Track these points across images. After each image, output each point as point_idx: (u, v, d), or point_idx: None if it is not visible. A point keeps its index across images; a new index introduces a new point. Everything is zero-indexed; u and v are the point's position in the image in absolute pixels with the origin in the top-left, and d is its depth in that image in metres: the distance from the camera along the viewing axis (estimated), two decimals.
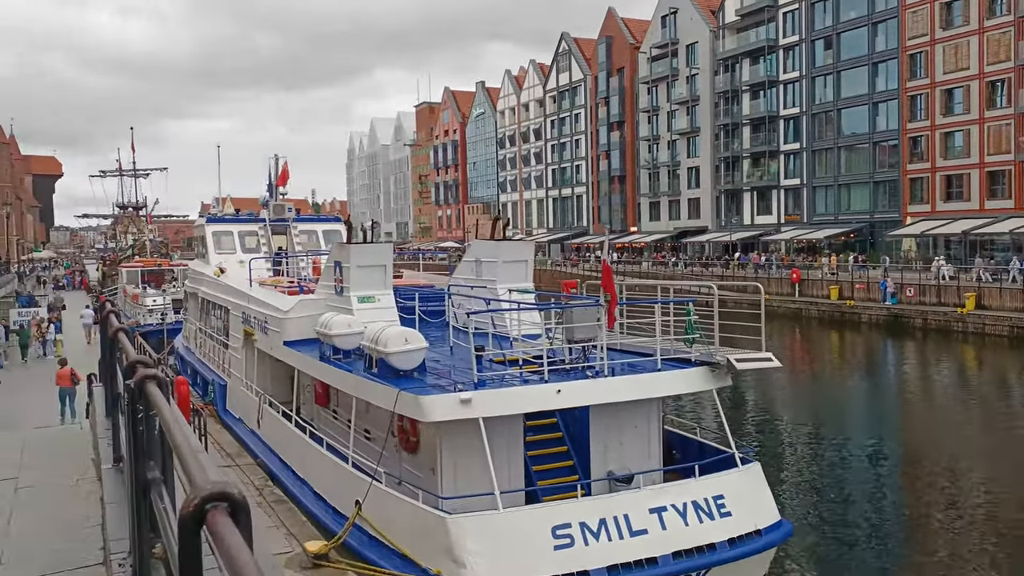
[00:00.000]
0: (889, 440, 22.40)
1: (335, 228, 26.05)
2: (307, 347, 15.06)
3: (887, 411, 27.20)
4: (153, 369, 2.51)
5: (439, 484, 11.05)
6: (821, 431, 23.01)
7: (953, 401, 28.67)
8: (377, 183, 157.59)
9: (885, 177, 60.27)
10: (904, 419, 25.78)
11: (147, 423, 2.42)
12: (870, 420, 25.49)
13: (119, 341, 3.93)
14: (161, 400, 2.23)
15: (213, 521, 1.20)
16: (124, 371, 2.79)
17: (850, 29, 61.49)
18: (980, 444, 21.43)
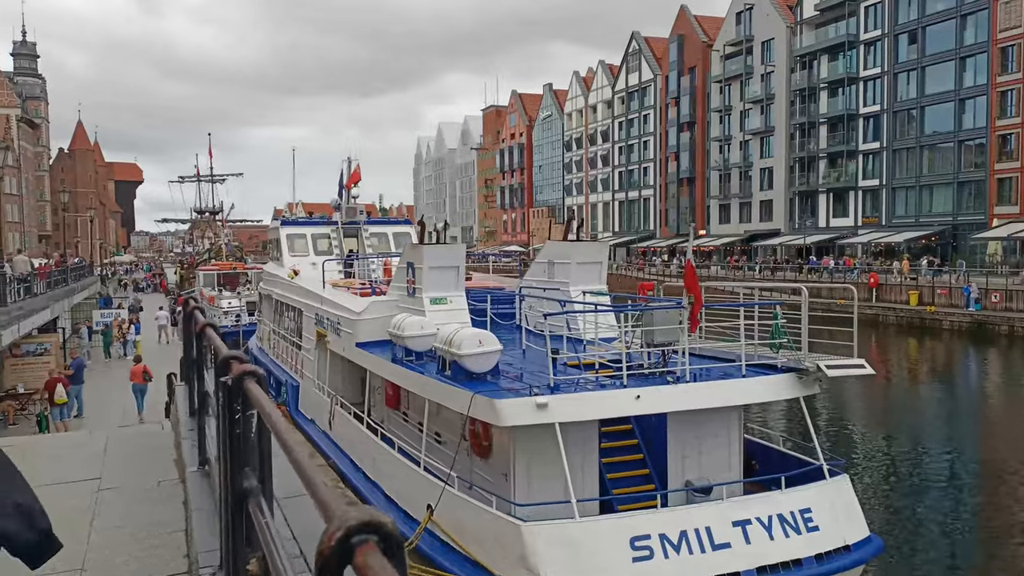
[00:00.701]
0: (975, 452, 21.25)
1: (405, 231, 26.18)
2: (379, 349, 15.02)
3: (972, 422, 25.86)
4: (252, 364, 2.31)
5: (512, 490, 10.80)
6: (903, 441, 21.98)
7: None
8: (443, 187, 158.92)
9: (970, 177, 57.66)
10: (990, 430, 24.46)
11: (244, 425, 2.21)
12: (954, 431, 24.26)
13: (207, 337, 3.77)
14: (264, 400, 2.02)
15: (364, 562, 0.93)
16: (217, 367, 2.59)
17: (937, 22, 59.04)
18: None
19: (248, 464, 2.16)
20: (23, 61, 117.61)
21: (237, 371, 2.19)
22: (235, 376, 2.19)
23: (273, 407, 2.02)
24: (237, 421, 2.23)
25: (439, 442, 13.19)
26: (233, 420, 2.24)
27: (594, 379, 10.79)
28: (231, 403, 2.24)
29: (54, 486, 4.77)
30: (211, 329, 3.88)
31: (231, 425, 2.26)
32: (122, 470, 5.15)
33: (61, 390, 20.44)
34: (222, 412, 2.36)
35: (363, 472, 14.52)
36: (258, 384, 2.12)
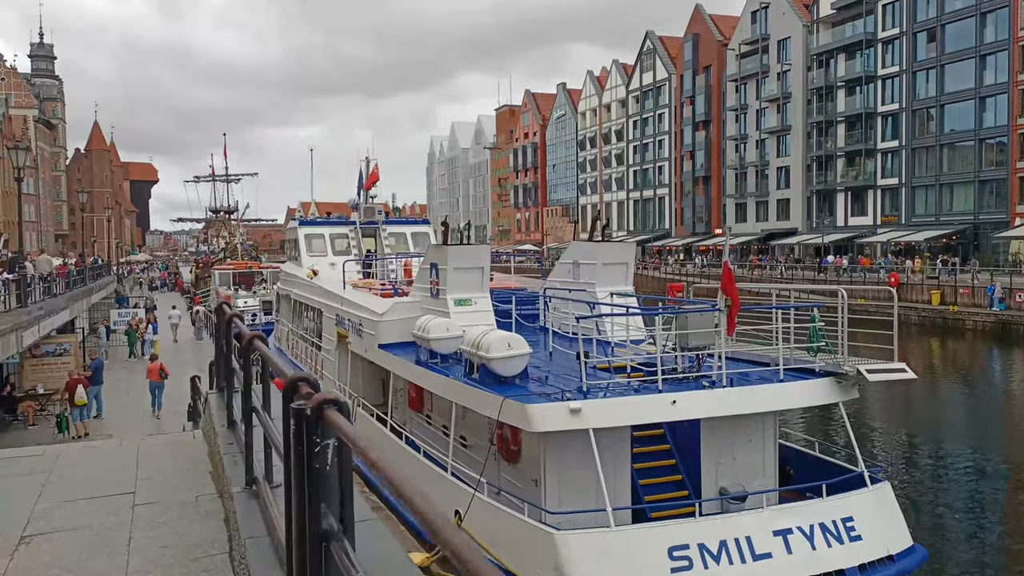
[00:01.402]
0: (1008, 455, 20.82)
1: (423, 230, 25.98)
2: (402, 350, 14.79)
3: (1002, 425, 25.39)
4: (333, 392, 2.08)
5: (543, 497, 10.53)
6: (934, 445, 21.57)
7: None
8: (456, 186, 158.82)
9: (992, 176, 56.94)
10: (1020, 432, 24.01)
11: (321, 457, 1.96)
12: (986, 434, 23.81)
13: (256, 350, 3.53)
14: (352, 432, 1.79)
15: None
16: (285, 392, 2.34)
17: (956, 20, 58.33)
18: None
19: (325, 500, 1.92)
20: (40, 63, 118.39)
21: (317, 400, 1.95)
22: (314, 406, 1.94)
23: (364, 440, 1.78)
24: (316, 453, 1.98)
25: (465, 446, 12.95)
26: (311, 452, 2.00)
27: (627, 383, 10.50)
28: (309, 433, 2.00)
29: (88, 501, 4.55)
30: (260, 342, 3.63)
31: (308, 457, 2.02)
32: (157, 484, 4.92)
33: (81, 391, 20.35)
34: (294, 441, 2.11)
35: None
36: (340, 412, 1.88)
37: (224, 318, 5.02)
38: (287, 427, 2.21)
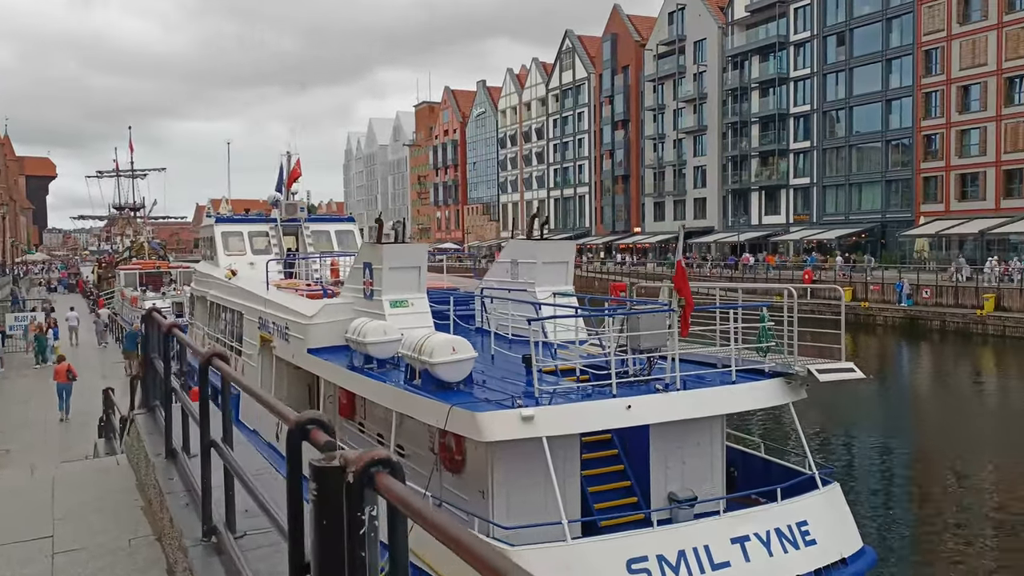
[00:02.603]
0: (932, 448, 21.47)
1: (348, 228, 25.12)
2: (333, 355, 14.04)
3: (921, 417, 26.27)
4: (380, 450, 1.56)
5: (491, 510, 10.01)
6: (862, 442, 22.04)
7: (979, 404, 27.77)
8: (375, 184, 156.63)
9: (898, 176, 59.38)
10: (940, 425, 24.85)
11: (365, 540, 1.44)
12: (907, 426, 24.54)
13: (223, 373, 2.90)
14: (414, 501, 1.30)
15: None
16: (292, 436, 1.79)
17: (864, 25, 60.57)
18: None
19: None
20: None
21: (363, 461, 1.42)
22: (361, 468, 1.41)
23: (431, 509, 1.28)
24: (360, 521, 1.46)
25: (402, 455, 12.30)
26: (354, 522, 1.47)
27: (577, 388, 10.09)
28: (351, 507, 1.46)
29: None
30: (221, 361, 2.99)
31: (350, 526, 1.48)
32: (79, 524, 4.16)
33: None
34: (319, 513, 1.56)
35: None
36: (394, 475, 1.38)
37: (160, 329, 4.31)
38: (293, 484, 1.66)
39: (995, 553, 13.80)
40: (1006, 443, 21.74)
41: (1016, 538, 14.46)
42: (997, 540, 14.39)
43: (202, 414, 3.28)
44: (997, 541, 14.34)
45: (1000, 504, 16.32)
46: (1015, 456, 20.18)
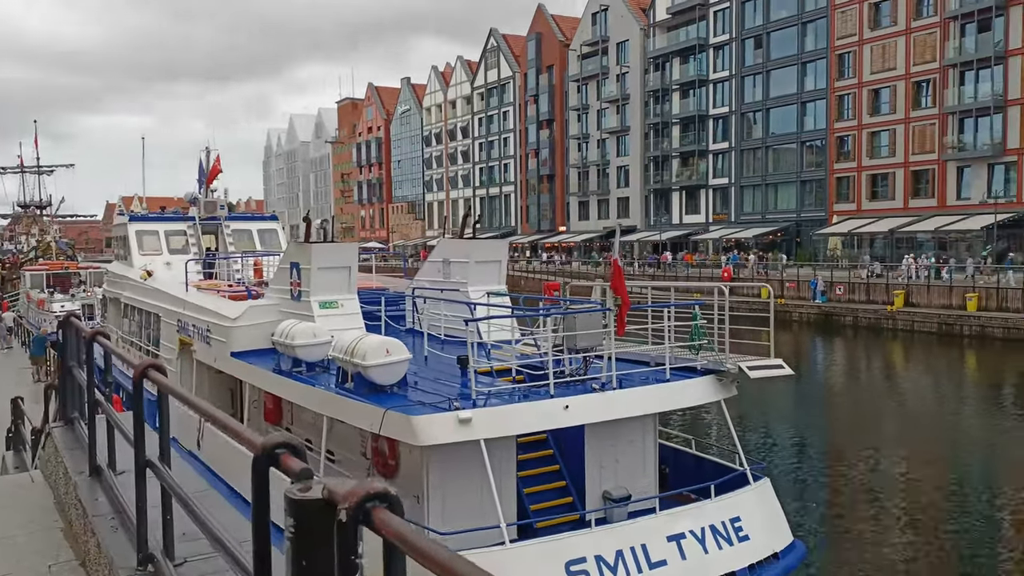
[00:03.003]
0: (848, 439, 22.22)
1: (271, 227, 24.47)
2: (258, 358, 13.59)
3: (832, 410, 27.18)
4: (375, 482, 1.42)
5: (426, 514, 9.82)
6: (782, 435, 22.65)
7: (891, 397, 28.95)
8: (296, 181, 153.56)
9: (812, 176, 61.46)
10: (852, 418, 25.76)
11: None
12: (822, 419, 25.36)
13: (155, 381, 2.64)
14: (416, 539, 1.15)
15: None
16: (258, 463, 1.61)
17: (780, 28, 62.46)
18: (938, 439, 21.46)
19: None
20: None
21: (357, 495, 1.25)
22: (355, 503, 1.25)
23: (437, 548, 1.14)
24: (354, 565, 1.29)
25: (332, 461, 11.98)
26: (347, 567, 1.30)
27: (513, 388, 9.98)
28: (343, 548, 1.29)
29: None
30: (155, 371, 2.72)
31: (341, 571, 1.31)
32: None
33: None
34: (297, 553, 1.38)
35: (243, 498, 13.01)
36: (392, 510, 1.23)
37: (82, 336, 3.97)
38: (260, 519, 1.49)
39: (911, 539, 14.33)
40: (916, 434, 22.69)
41: (929, 525, 15.07)
42: (913, 527, 14.96)
43: (137, 430, 3.02)
44: (912, 528, 14.91)
45: (913, 492, 17.00)
46: (924, 446, 21.07)
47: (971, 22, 49.97)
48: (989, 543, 14.36)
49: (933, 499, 16.58)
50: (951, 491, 17.06)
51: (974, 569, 13.22)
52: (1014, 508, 16.16)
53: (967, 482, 17.72)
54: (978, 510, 15.94)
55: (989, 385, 30.63)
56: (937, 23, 51.86)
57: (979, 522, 15.30)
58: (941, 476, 18.09)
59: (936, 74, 52.27)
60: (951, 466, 18.93)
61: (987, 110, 49.45)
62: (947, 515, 15.58)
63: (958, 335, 38.79)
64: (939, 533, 14.71)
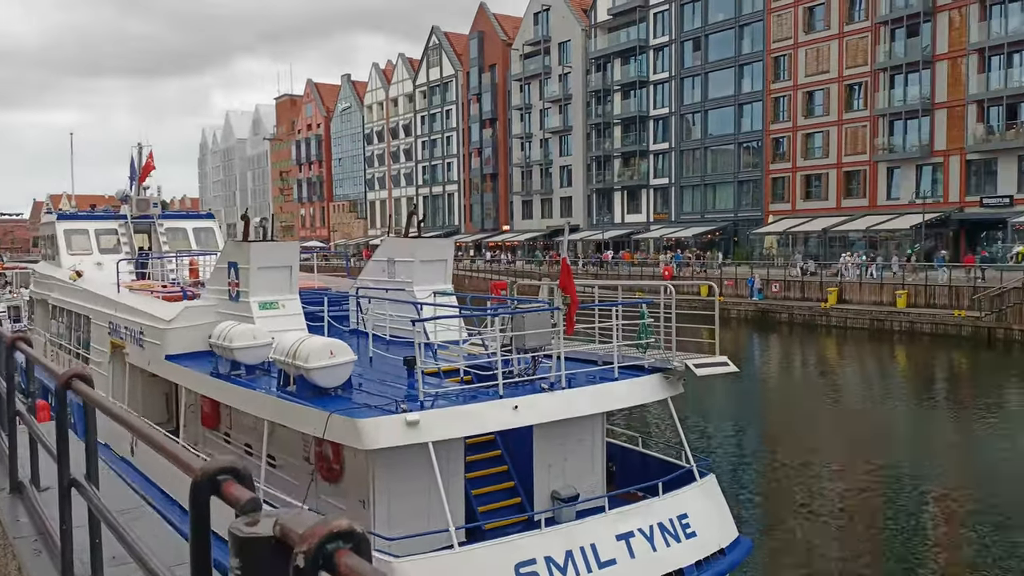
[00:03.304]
0: (781, 433, 22.65)
1: (207, 226, 23.83)
2: (194, 361, 13.15)
3: (771, 404, 27.72)
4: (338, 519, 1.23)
5: (372, 519, 9.60)
6: (724, 431, 22.97)
7: (825, 392, 29.67)
8: (233, 179, 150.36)
9: (749, 177, 62.70)
10: (780, 411, 26.30)
11: None
12: (758, 413, 25.81)
13: (81, 393, 2.40)
14: None
15: None
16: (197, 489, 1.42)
17: (718, 31, 63.51)
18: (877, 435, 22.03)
19: None
20: None
21: (317, 535, 1.09)
22: (316, 544, 1.08)
23: None
24: None
25: (273, 466, 11.64)
26: None
27: (461, 389, 9.84)
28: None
29: None
30: (81, 382, 2.49)
31: None
32: None
33: None
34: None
35: (180, 505, 12.56)
36: (358, 552, 1.06)
37: (2, 342, 3.67)
38: (199, 557, 1.30)
39: (848, 530, 14.65)
40: (849, 428, 23.26)
41: (863, 515, 15.43)
42: (848, 517, 15.30)
43: (60, 446, 2.77)
44: (848, 518, 15.25)
45: (847, 484, 17.41)
46: (857, 439, 21.60)
47: (900, 27, 51.59)
48: (917, 530, 14.78)
49: (866, 490, 17.02)
50: (882, 482, 17.55)
51: (906, 555, 13.57)
52: (938, 495, 16.75)
53: (897, 472, 18.26)
54: (907, 499, 16.46)
55: (917, 379, 31.64)
56: (868, 28, 53.40)
57: (908, 511, 15.77)
58: (872, 468, 18.58)
59: (867, 77, 53.83)
60: (882, 458, 19.46)
61: (916, 113, 51.13)
62: (879, 506, 16.01)
63: (889, 331, 39.99)
64: (872, 524, 15.09)
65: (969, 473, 18.49)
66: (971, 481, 17.70)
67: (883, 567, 13.21)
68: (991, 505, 15.66)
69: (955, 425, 23.53)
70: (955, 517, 15.68)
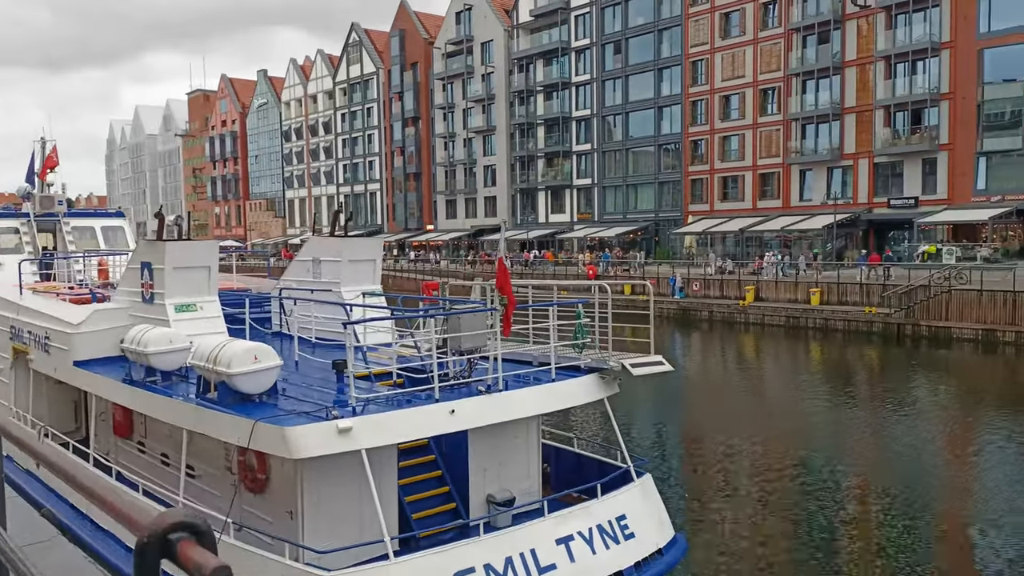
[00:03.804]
0: (703, 428, 23.00)
1: (117, 224, 22.71)
2: (105, 367, 12.41)
3: (693, 400, 28.14)
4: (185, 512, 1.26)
5: (300, 532, 9.17)
6: (641, 429, 23.16)
7: (744, 386, 30.37)
8: (142, 176, 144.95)
9: (669, 178, 63.87)
10: (702, 405, 26.77)
11: None
12: (680, 409, 26.16)
13: None
14: None
15: None
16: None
17: (638, 35, 64.47)
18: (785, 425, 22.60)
19: None
20: None
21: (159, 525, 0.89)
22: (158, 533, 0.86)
23: None
24: None
25: (192, 476, 11.05)
26: None
27: (396, 393, 9.50)
28: None
29: None
30: None
31: None
32: None
33: None
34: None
35: (92, 520, 11.80)
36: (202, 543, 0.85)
37: None
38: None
39: (770, 520, 14.90)
40: (767, 422, 23.80)
41: (779, 506, 15.74)
42: (767, 507, 15.58)
43: None
44: (768, 508, 15.53)
45: (767, 476, 17.78)
46: (774, 433, 22.11)
47: (812, 34, 53.38)
48: (833, 519, 15.18)
49: (784, 481, 17.50)
50: (798, 473, 18.11)
51: (819, 538, 13.88)
52: (849, 485, 17.39)
53: (811, 465, 18.90)
54: (821, 486, 17.10)
55: (831, 374, 32.68)
56: (781, 34, 55.08)
57: (824, 501, 16.31)
58: (790, 460, 19.10)
59: (781, 82, 55.52)
60: (799, 449, 20.03)
61: (826, 117, 52.99)
62: (797, 496, 16.43)
63: (804, 327, 41.24)
64: (789, 509, 15.45)
65: (876, 461, 19.24)
66: (878, 468, 18.46)
67: (797, 552, 13.47)
68: (896, 491, 16.33)
69: (866, 417, 24.37)
70: (864, 501, 16.34)
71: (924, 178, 48.86)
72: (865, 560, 13.20)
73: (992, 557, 13.24)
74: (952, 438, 21.58)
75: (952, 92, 47.02)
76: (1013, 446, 20.20)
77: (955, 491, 16.80)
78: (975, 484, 17.22)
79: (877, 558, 13.26)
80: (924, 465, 18.82)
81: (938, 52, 47.27)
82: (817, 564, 13.08)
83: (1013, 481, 17.07)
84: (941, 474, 18.40)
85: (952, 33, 46.76)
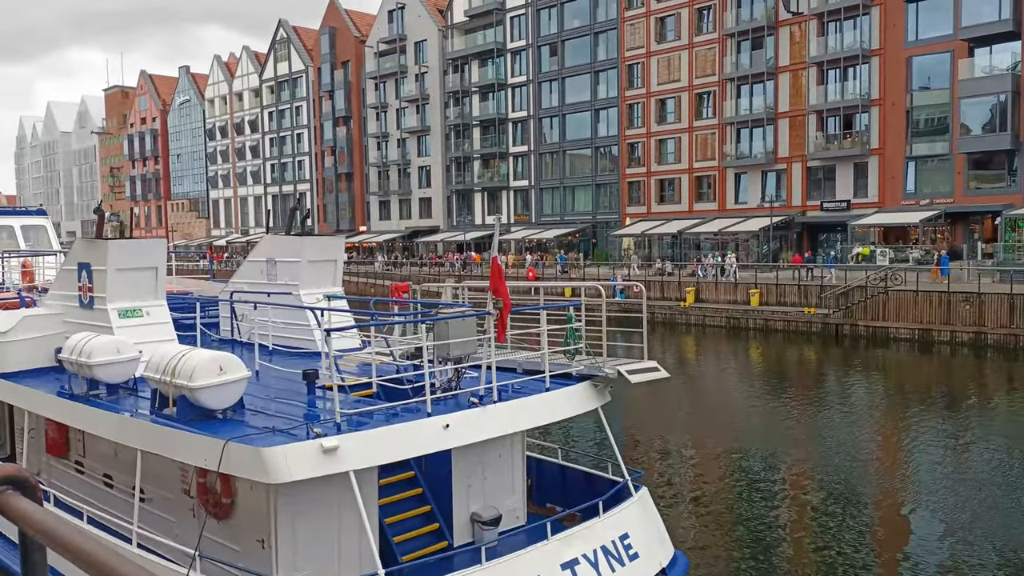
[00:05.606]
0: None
1: (39, 223, 21.11)
2: (36, 379, 11.14)
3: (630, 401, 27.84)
4: None
5: (273, 562, 8.18)
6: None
7: (692, 388, 30.28)
8: (56, 175, 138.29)
9: (606, 180, 63.92)
10: (640, 403, 26.51)
11: None
12: (619, 413, 25.83)
13: None
14: None
15: None
16: None
17: (574, 37, 64.33)
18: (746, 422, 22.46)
19: None
20: None
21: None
22: None
23: None
24: None
25: (143, 501, 9.90)
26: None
27: (386, 407, 8.60)
28: None
29: None
30: None
31: None
32: None
33: None
34: None
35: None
36: None
37: None
38: None
39: (764, 527, 14.54)
40: (712, 421, 23.66)
41: (726, 503, 15.44)
42: (720, 503, 15.24)
43: None
44: (720, 505, 15.18)
45: (713, 472, 17.53)
46: (719, 432, 21.97)
47: (746, 39, 54.11)
48: (767, 504, 14.96)
49: (726, 479, 17.51)
50: (738, 468, 18.23)
51: (758, 530, 13.58)
52: (785, 475, 17.47)
53: (750, 459, 19.02)
54: (761, 481, 17.10)
55: (771, 373, 32.92)
56: (716, 39, 55.68)
57: (768, 499, 16.24)
58: (733, 458, 19.21)
59: (716, 87, 56.13)
60: (741, 446, 20.12)
61: (761, 121, 53.79)
62: (734, 488, 16.44)
63: (745, 328, 41.60)
64: (729, 507, 15.31)
65: (815, 456, 19.50)
66: (816, 463, 18.68)
67: (736, 548, 13.11)
68: (834, 484, 16.51)
69: (805, 414, 24.52)
70: (800, 493, 16.54)
71: (856, 181, 50.03)
72: (800, 557, 12.91)
73: (924, 531, 13.50)
74: (887, 435, 21.91)
75: (882, 98, 48.26)
76: (941, 440, 20.91)
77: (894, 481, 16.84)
78: None
79: (813, 554, 12.98)
80: (858, 460, 19.13)
81: (868, 59, 48.46)
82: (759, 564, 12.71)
83: (938, 471, 17.74)
84: (875, 468, 18.74)
85: (881, 41, 48.01)
